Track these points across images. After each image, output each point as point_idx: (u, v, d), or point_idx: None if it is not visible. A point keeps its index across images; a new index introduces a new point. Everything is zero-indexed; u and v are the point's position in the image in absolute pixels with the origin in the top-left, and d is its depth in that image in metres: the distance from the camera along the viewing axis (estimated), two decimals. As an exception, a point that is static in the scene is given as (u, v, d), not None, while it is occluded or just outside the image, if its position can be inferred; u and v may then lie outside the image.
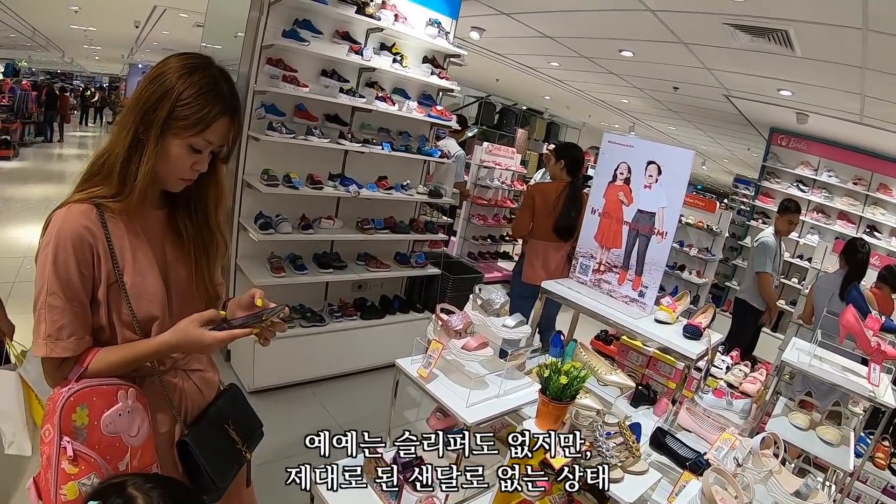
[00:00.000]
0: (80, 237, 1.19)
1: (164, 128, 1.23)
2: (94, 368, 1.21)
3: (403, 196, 4.40)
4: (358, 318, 4.29)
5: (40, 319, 1.19)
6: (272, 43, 3.57)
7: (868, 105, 5.19)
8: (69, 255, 1.18)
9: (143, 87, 1.25)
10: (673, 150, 2.50)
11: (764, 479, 1.83)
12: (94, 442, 1.16)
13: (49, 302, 1.18)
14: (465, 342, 2.09)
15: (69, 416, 1.13)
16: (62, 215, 1.21)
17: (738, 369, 3.90)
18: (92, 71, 27.63)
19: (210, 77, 1.27)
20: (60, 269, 1.18)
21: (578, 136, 15.35)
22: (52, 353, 1.18)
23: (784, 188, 7.73)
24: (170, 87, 1.22)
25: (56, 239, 1.18)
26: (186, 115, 1.22)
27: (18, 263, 5.38)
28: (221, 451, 1.38)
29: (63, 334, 1.19)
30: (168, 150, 1.24)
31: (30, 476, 1.18)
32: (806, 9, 3.50)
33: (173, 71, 1.24)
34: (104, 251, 1.22)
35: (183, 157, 1.26)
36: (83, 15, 9.58)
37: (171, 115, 1.22)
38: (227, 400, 1.47)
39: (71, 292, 1.19)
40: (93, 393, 1.18)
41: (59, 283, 1.18)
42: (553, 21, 5.35)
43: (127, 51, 15.62)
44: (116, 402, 1.20)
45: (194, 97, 1.22)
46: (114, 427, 1.18)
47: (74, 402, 1.14)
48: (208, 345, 1.24)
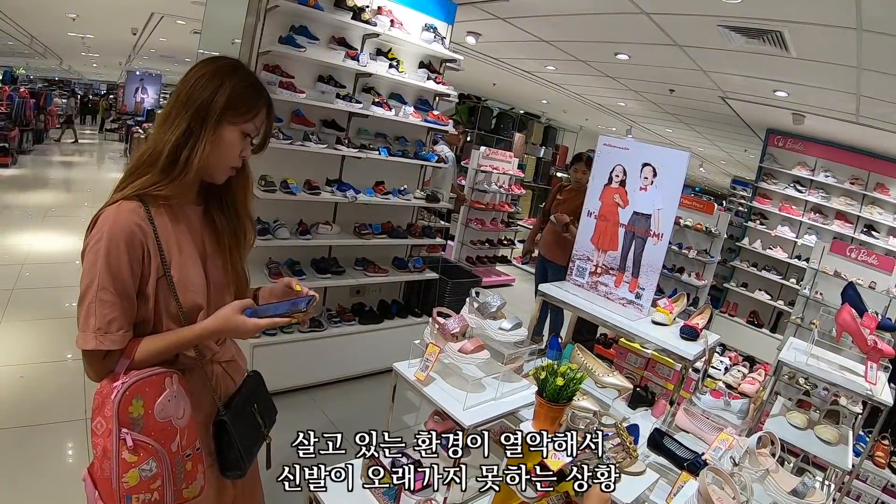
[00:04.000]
0: (131, 234, 1.26)
1: (220, 117, 1.34)
2: (140, 358, 1.28)
3: (401, 201, 4.41)
4: (356, 324, 4.30)
5: (90, 313, 1.23)
6: (269, 49, 3.59)
7: (864, 105, 5.20)
8: (121, 251, 1.24)
9: (191, 85, 1.35)
10: (668, 152, 2.51)
11: (761, 478, 1.83)
12: (150, 429, 1.23)
13: (100, 297, 1.23)
14: (462, 345, 2.10)
15: (126, 409, 1.20)
16: (113, 213, 1.27)
17: (737, 370, 3.91)
18: (90, 78, 27.64)
19: (251, 74, 1.45)
20: (112, 265, 1.24)
21: (576, 139, 15.37)
22: (101, 346, 1.23)
23: (781, 189, 7.74)
24: (222, 82, 1.35)
25: (108, 236, 1.24)
26: (241, 103, 1.37)
27: (17, 271, 5.38)
28: (249, 431, 1.48)
29: (113, 328, 1.24)
30: (224, 136, 1.37)
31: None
32: (800, 10, 3.51)
33: (220, 69, 1.38)
34: (153, 246, 1.30)
35: (235, 144, 1.39)
36: (81, 22, 9.59)
37: (228, 105, 1.35)
38: (251, 385, 1.55)
39: (121, 287, 1.25)
40: (144, 384, 1.24)
41: (111, 278, 1.24)
42: (548, 25, 5.36)
43: (124, 58, 15.61)
44: (165, 388, 1.27)
45: (245, 88, 1.38)
46: (165, 412, 1.26)
47: (130, 395, 1.21)
48: (249, 330, 1.34)
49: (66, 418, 3.22)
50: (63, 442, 3.08)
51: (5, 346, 3.96)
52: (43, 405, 3.33)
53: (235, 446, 1.41)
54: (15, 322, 4.35)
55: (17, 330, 4.24)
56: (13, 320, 4.37)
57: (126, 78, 20.09)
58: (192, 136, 1.33)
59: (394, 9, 4.21)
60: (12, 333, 4.17)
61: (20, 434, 3.07)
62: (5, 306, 4.55)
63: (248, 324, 1.34)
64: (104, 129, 21.18)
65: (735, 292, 7.79)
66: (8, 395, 3.41)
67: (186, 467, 1.30)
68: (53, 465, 2.88)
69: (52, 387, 3.50)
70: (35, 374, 3.64)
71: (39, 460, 2.89)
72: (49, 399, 3.40)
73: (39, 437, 3.07)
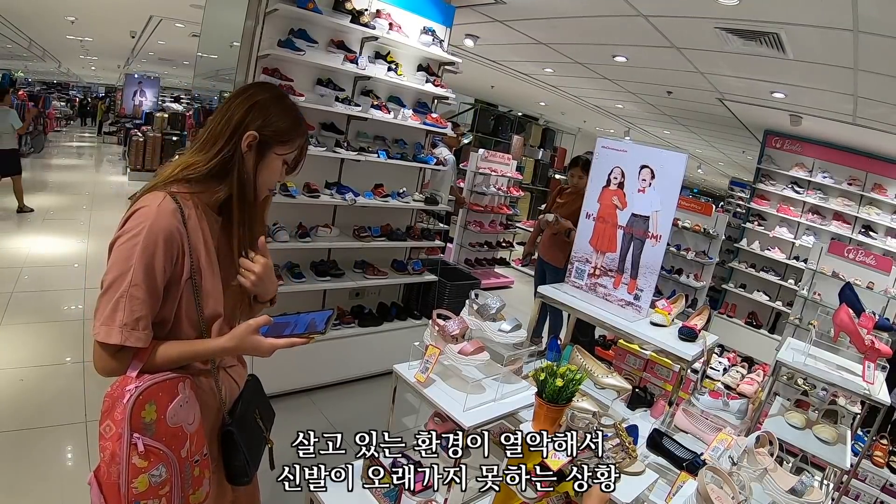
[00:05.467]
0: (171, 234, 1.28)
1: (267, 145, 1.43)
2: (154, 363, 1.28)
3: (400, 203, 4.42)
4: (356, 326, 4.30)
5: (118, 307, 1.23)
6: (268, 52, 3.60)
7: (861, 106, 5.22)
8: (160, 249, 1.26)
9: (240, 111, 1.41)
10: (666, 154, 2.53)
11: (759, 477, 1.84)
12: (162, 434, 1.23)
13: (132, 292, 1.23)
14: (462, 347, 2.11)
15: (139, 413, 1.20)
16: (154, 211, 1.28)
17: (736, 370, 3.92)
18: (88, 81, 27.66)
19: (294, 105, 1.51)
20: (148, 263, 1.25)
21: (574, 141, 15.38)
22: (126, 342, 1.23)
23: (779, 190, 7.76)
24: (272, 113, 1.43)
25: (149, 232, 1.25)
26: (287, 135, 1.46)
27: (16, 274, 5.38)
28: (253, 437, 1.49)
29: (140, 325, 1.25)
30: (270, 163, 1.45)
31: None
32: (797, 12, 3.53)
33: (269, 99, 1.44)
34: (186, 251, 1.32)
35: (277, 170, 1.48)
36: (80, 25, 9.61)
37: (276, 137, 1.43)
38: (251, 390, 1.57)
39: (153, 286, 1.26)
40: (158, 389, 1.24)
41: (145, 275, 1.24)
42: (546, 27, 5.38)
43: (123, 61, 15.62)
44: (178, 393, 1.28)
45: (292, 122, 1.46)
46: (177, 418, 1.26)
47: (143, 400, 1.21)
48: (265, 351, 1.35)
49: (65, 421, 3.22)
50: (63, 445, 3.08)
51: (5, 349, 3.96)
52: (43, 408, 3.33)
53: (243, 455, 1.43)
54: (14, 325, 4.35)
55: (16, 333, 4.24)
56: (12, 323, 4.37)
57: (124, 81, 20.09)
58: (236, 158, 1.40)
59: (392, 12, 4.22)
60: (12, 336, 4.17)
61: (20, 437, 3.07)
62: (4, 309, 4.55)
63: (264, 344, 1.34)
64: (102, 131, 21.17)
65: (733, 293, 7.81)
66: (8, 398, 3.41)
67: (194, 473, 1.30)
68: (53, 468, 2.88)
69: (52, 390, 3.50)
70: (35, 377, 3.64)
71: (39, 463, 2.89)
72: (49, 402, 3.40)
73: (39, 441, 3.07)
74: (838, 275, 5.63)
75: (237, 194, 1.42)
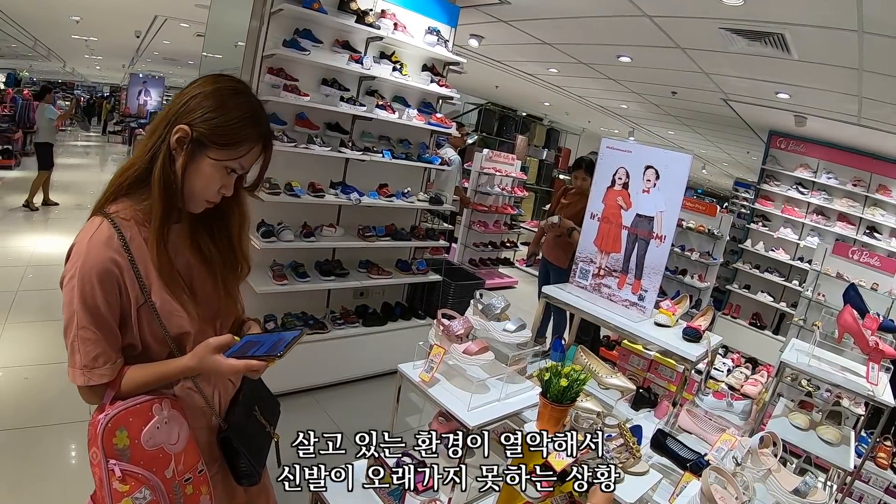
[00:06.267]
0: (104, 270, 1.20)
1: (200, 145, 1.23)
2: (125, 389, 1.24)
3: (404, 203, 4.43)
4: (360, 325, 4.31)
5: (74, 350, 1.21)
6: (273, 52, 3.61)
7: (865, 107, 5.21)
8: (95, 289, 1.19)
9: (183, 102, 1.24)
10: (670, 155, 2.52)
11: (763, 477, 1.84)
12: (138, 459, 1.20)
13: (81, 335, 1.20)
14: (467, 347, 2.11)
15: (110, 441, 1.18)
16: (85, 248, 1.20)
17: (740, 371, 3.92)
18: (93, 80, 27.73)
19: (254, 102, 1.29)
20: (89, 303, 1.19)
21: (578, 141, 15.38)
22: (90, 382, 1.21)
23: (783, 191, 7.74)
24: (214, 107, 1.23)
25: (81, 274, 1.18)
26: (227, 135, 1.24)
27: (21, 272, 5.41)
28: (255, 437, 1.44)
29: (99, 362, 1.21)
30: (201, 168, 1.25)
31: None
32: (801, 12, 3.53)
33: (218, 91, 1.25)
34: (130, 278, 1.23)
35: (214, 178, 1.27)
36: (84, 25, 9.63)
37: (212, 136, 1.23)
38: (250, 386, 1.51)
39: (101, 323, 1.21)
40: (128, 415, 1.21)
41: (89, 316, 1.19)
42: (551, 28, 5.38)
43: (128, 60, 15.67)
44: (152, 416, 1.24)
45: (239, 121, 1.24)
46: (154, 440, 1.22)
47: (113, 427, 1.18)
48: (224, 372, 1.26)
49: (70, 419, 3.24)
50: (67, 443, 3.10)
51: (10, 347, 3.99)
52: (47, 406, 3.35)
53: (245, 458, 1.39)
54: (19, 324, 4.37)
55: (21, 331, 4.26)
56: (18, 322, 4.39)
57: (129, 80, 20.16)
58: (171, 160, 1.24)
59: (397, 12, 4.23)
60: (17, 335, 4.20)
61: (25, 435, 3.09)
62: (9, 308, 4.58)
63: (223, 366, 1.25)
64: (107, 131, 21.23)
65: (737, 294, 7.80)
66: (13, 396, 3.43)
67: (186, 491, 1.26)
68: (56, 467, 2.90)
69: (57, 388, 3.52)
70: (39, 375, 3.66)
71: (43, 461, 2.91)
72: (53, 400, 3.41)
73: (43, 438, 3.09)
74: (842, 276, 5.61)
75: (157, 199, 1.23)
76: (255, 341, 1.32)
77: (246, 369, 1.26)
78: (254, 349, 1.29)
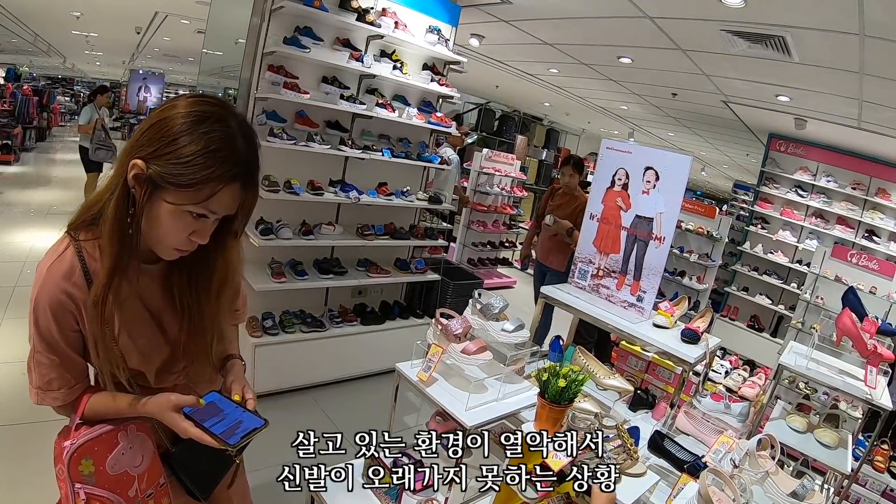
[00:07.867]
0: (58, 303, 1.14)
1: (155, 185, 1.04)
2: (87, 416, 1.23)
3: (403, 202, 4.42)
4: (358, 324, 4.30)
5: (30, 370, 1.21)
6: (273, 50, 3.60)
7: (866, 110, 5.21)
8: (49, 321, 1.15)
9: (141, 131, 1.07)
10: (670, 156, 2.53)
11: (761, 480, 1.84)
12: (103, 482, 1.19)
13: (37, 358, 1.19)
14: (465, 346, 2.11)
15: (76, 467, 1.17)
16: (41, 278, 1.14)
17: (738, 373, 3.92)
18: (93, 76, 27.68)
19: (223, 131, 1.05)
20: (43, 332, 1.16)
21: (578, 142, 15.39)
22: (42, 403, 1.22)
23: (783, 193, 7.74)
24: (171, 138, 1.02)
25: (35, 303, 1.15)
26: (183, 175, 1.02)
27: (19, 268, 5.40)
28: (209, 459, 1.30)
29: (53, 386, 1.21)
30: (159, 213, 1.06)
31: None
32: (803, 15, 3.52)
33: (178, 117, 1.04)
34: (85, 311, 1.15)
35: (175, 225, 1.08)
36: (85, 21, 9.61)
37: (166, 173, 1.02)
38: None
39: (55, 350, 1.18)
40: (93, 444, 1.19)
41: (44, 343, 1.17)
42: (552, 28, 5.38)
43: (128, 56, 15.65)
44: (118, 443, 1.23)
45: (197, 155, 1.02)
46: (119, 466, 1.22)
47: (79, 456, 1.17)
48: (179, 431, 1.18)
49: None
50: (65, 439, 3.09)
51: (8, 342, 3.98)
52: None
53: (185, 484, 1.32)
54: (17, 319, 4.36)
55: (19, 327, 4.24)
56: (15, 317, 4.38)
57: (129, 77, 20.12)
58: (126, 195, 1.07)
59: (398, 11, 4.23)
60: (14, 330, 4.19)
61: (23, 430, 3.08)
62: (7, 303, 4.57)
63: (179, 426, 1.17)
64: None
65: (736, 296, 7.80)
66: (10, 391, 3.43)
67: None
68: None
69: (55, 384, 3.51)
70: (38, 371, 3.65)
71: (41, 456, 2.88)
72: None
73: (41, 434, 3.07)
74: (841, 279, 5.62)
75: (107, 242, 1.08)
76: (219, 409, 1.25)
77: (198, 439, 1.17)
78: (214, 419, 1.21)
